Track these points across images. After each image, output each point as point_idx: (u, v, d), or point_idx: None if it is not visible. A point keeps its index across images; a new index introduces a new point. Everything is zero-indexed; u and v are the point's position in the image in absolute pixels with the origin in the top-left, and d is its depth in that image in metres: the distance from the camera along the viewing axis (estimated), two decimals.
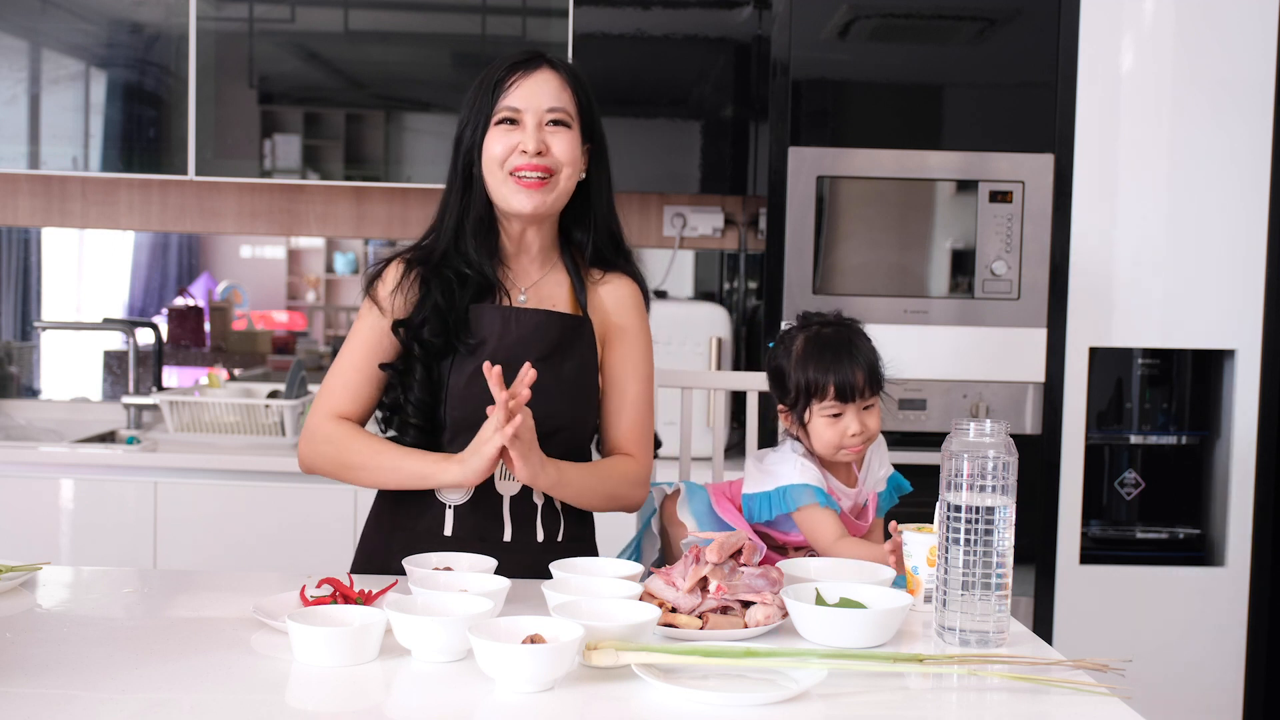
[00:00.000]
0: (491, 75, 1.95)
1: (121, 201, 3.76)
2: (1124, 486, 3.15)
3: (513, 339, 1.94)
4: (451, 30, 3.45)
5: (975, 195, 3.03)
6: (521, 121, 1.92)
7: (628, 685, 1.40)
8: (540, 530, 1.96)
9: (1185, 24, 3.01)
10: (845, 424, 1.93)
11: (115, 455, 3.19)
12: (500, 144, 1.92)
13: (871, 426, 1.95)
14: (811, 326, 2.00)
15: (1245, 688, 3.06)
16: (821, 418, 1.94)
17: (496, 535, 1.93)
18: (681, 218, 3.69)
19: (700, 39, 3.36)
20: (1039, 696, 1.42)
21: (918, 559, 1.73)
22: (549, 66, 1.96)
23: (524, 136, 1.91)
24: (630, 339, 2.03)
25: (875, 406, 1.97)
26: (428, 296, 1.94)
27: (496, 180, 1.93)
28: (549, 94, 1.94)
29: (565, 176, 1.95)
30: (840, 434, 1.93)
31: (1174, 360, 3.13)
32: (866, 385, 1.94)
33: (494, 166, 1.93)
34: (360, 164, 3.54)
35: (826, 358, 1.94)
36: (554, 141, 1.93)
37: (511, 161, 1.92)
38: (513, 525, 1.94)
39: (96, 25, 3.39)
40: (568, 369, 1.97)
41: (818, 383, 1.93)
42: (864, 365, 1.94)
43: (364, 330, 1.98)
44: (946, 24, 3.07)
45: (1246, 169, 3.02)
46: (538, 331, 1.95)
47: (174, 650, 1.49)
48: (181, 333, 4.00)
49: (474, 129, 1.95)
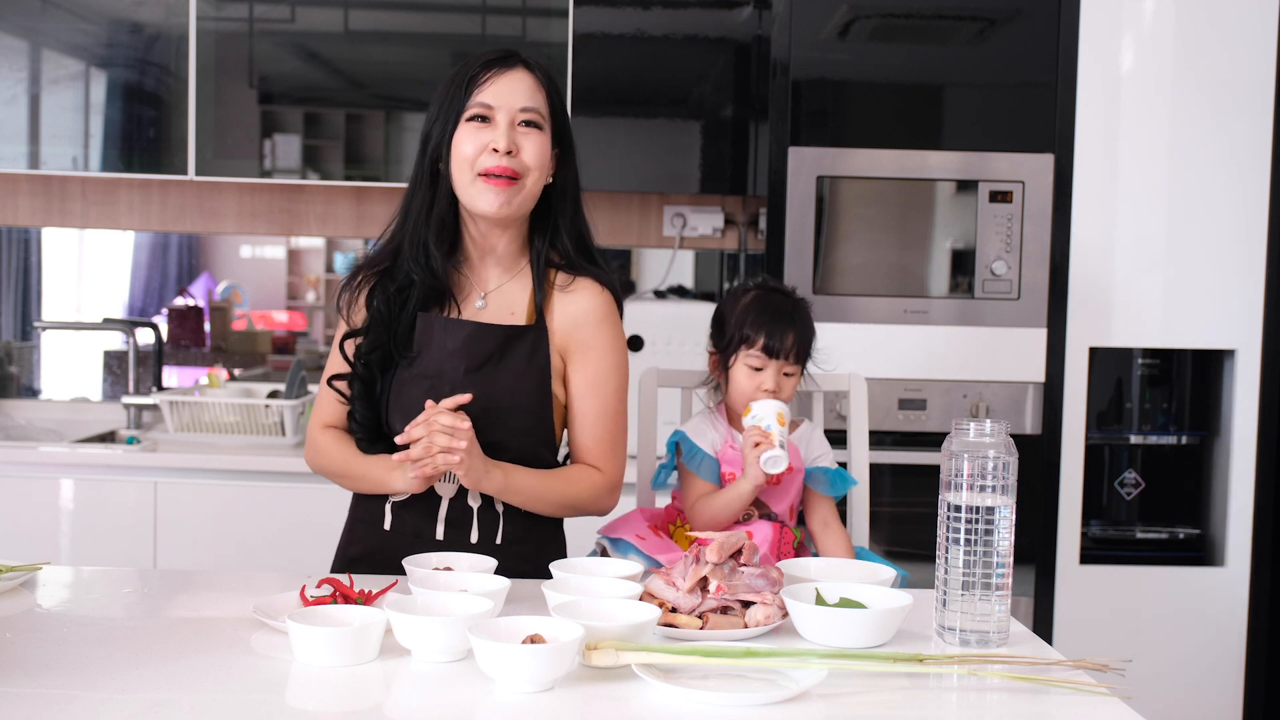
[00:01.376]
0: (465, 72, 1.92)
1: (121, 201, 3.76)
2: (1124, 486, 3.15)
3: (446, 350, 1.93)
4: (451, 30, 3.45)
5: (975, 195, 3.03)
6: (493, 119, 1.89)
7: (628, 685, 1.40)
8: (475, 532, 1.95)
9: (1185, 24, 3.01)
10: (762, 378, 2.08)
11: (115, 455, 3.19)
12: (471, 142, 1.89)
13: (785, 391, 2.09)
14: (765, 289, 2.16)
15: (1245, 688, 3.06)
16: (744, 367, 2.09)
17: (430, 533, 1.95)
18: (681, 218, 3.69)
19: (700, 39, 3.36)
20: (1039, 696, 1.42)
21: (769, 419, 1.98)
22: (523, 66, 1.93)
23: (495, 135, 1.88)
24: (593, 355, 1.98)
25: (795, 377, 2.11)
26: (371, 308, 1.96)
27: (464, 180, 1.90)
28: (523, 93, 1.91)
29: (532, 180, 1.92)
30: (755, 386, 2.08)
31: (1174, 360, 3.13)
32: (793, 349, 2.08)
33: (463, 165, 1.90)
34: (360, 164, 3.54)
35: (766, 315, 2.09)
36: (525, 143, 1.90)
37: (482, 161, 1.88)
38: (446, 525, 1.95)
39: (96, 25, 3.39)
40: (504, 380, 1.93)
41: (750, 334, 2.08)
42: (796, 332, 2.09)
43: (335, 342, 2.03)
44: (946, 24, 3.07)
45: (1246, 169, 3.02)
46: (469, 343, 1.93)
47: (174, 650, 1.49)
48: (181, 333, 4.00)
49: (444, 125, 1.91)
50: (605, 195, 3.68)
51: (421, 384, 1.93)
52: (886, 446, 3.00)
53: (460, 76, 1.92)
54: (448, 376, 1.92)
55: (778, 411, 2.00)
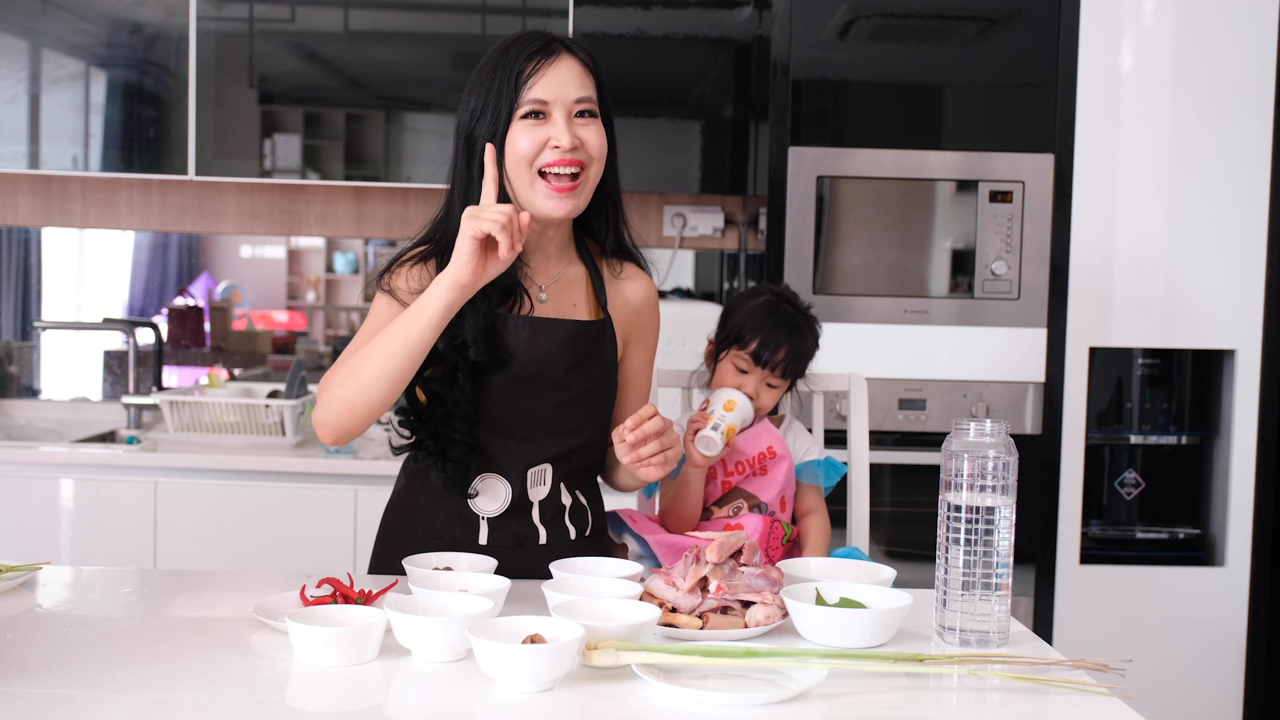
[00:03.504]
0: (508, 64, 1.79)
1: (121, 201, 3.76)
2: (1124, 486, 3.15)
3: (543, 352, 1.85)
4: (451, 30, 3.45)
5: (975, 195, 3.03)
6: (549, 114, 1.78)
7: (628, 685, 1.40)
8: (571, 529, 1.93)
9: (1185, 24, 3.01)
10: (744, 380, 2.08)
11: (115, 455, 3.19)
12: (527, 140, 1.77)
13: (762, 400, 2.09)
14: (780, 297, 2.15)
15: (1245, 688, 3.07)
16: (731, 365, 2.10)
17: (533, 540, 1.90)
18: (681, 218, 3.69)
19: (700, 39, 3.36)
20: (1039, 696, 1.42)
21: (716, 405, 2.01)
22: (569, 53, 1.81)
23: (554, 131, 1.77)
24: (649, 336, 2.01)
25: (779, 391, 2.11)
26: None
27: (523, 181, 1.79)
28: (574, 82, 1.80)
29: (595, 172, 1.82)
30: (735, 387, 2.07)
31: (1174, 360, 3.13)
32: (782, 363, 2.07)
33: (521, 166, 1.79)
34: (360, 164, 3.54)
35: (768, 322, 2.08)
36: (586, 134, 1.80)
37: (543, 158, 1.78)
38: (545, 527, 1.90)
39: (96, 25, 3.39)
40: (594, 376, 1.91)
41: (746, 336, 2.08)
42: (791, 347, 2.08)
43: (381, 311, 1.83)
44: (946, 24, 3.07)
45: (1246, 169, 3.02)
46: (568, 344, 1.87)
47: (174, 650, 1.49)
48: (181, 333, 4.00)
49: (494, 123, 1.79)
50: None
51: (520, 387, 1.84)
52: (886, 446, 3.01)
53: (504, 69, 1.79)
54: (546, 378, 1.84)
55: (728, 399, 2.02)
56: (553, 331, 1.86)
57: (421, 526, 1.92)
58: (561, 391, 1.87)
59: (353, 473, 3.13)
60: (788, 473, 2.10)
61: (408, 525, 1.95)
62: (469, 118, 1.83)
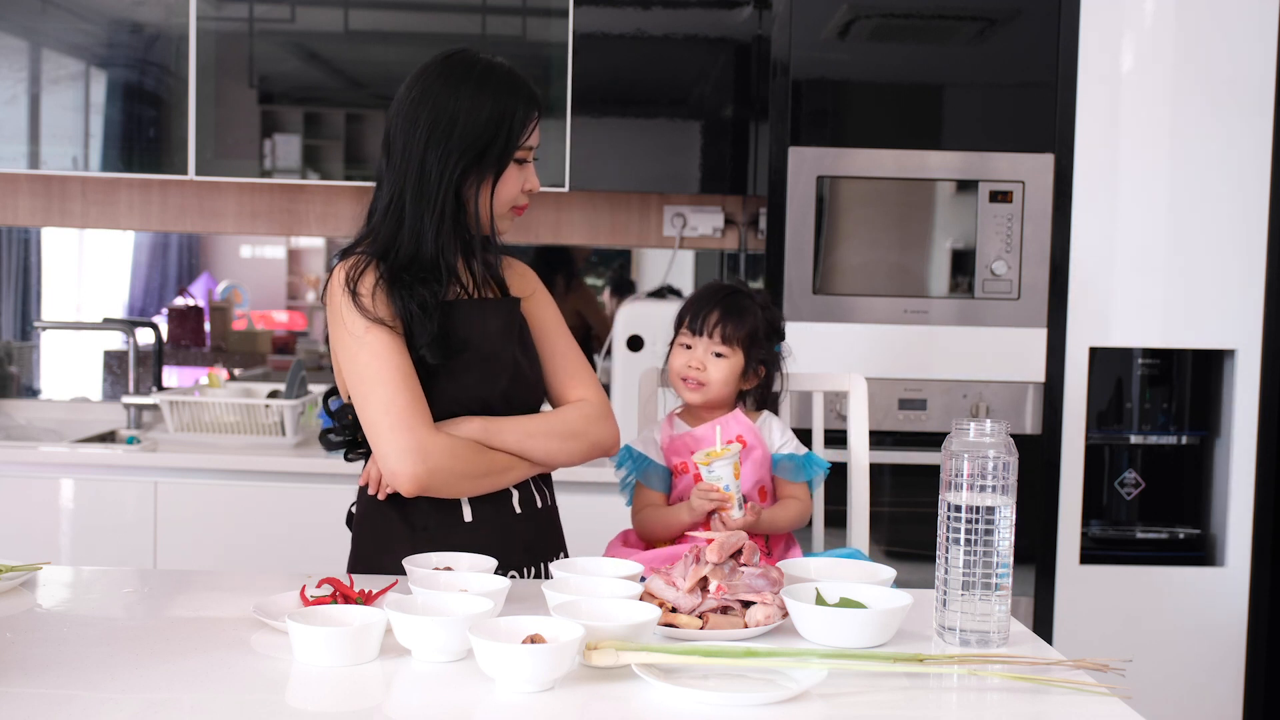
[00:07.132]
0: (512, 110, 1.91)
1: (121, 201, 3.76)
2: (1124, 486, 3.15)
3: (489, 332, 1.94)
4: (451, 30, 3.44)
5: (975, 195, 3.03)
6: (527, 159, 1.97)
7: (628, 685, 1.40)
8: (539, 499, 2.01)
9: (1185, 24, 3.01)
10: (690, 356, 2.11)
11: (115, 455, 3.19)
12: (516, 184, 1.95)
13: (711, 371, 2.10)
14: (715, 283, 2.21)
15: (1245, 688, 3.06)
16: (678, 345, 2.15)
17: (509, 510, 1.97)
18: (681, 218, 3.69)
19: (700, 39, 3.36)
20: (1039, 696, 1.42)
21: (726, 479, 1.97)
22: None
23: (528, 174, 1.97)
24: (542, 300, 2.07)
25: (727, 360, 2.10)
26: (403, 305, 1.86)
27: (501, 211, 1.95)
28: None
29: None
30: (684, 363, 2.11)
31: (1174, 360, 3.13)
32: (718, 326, 2.09)
33: (504, 203, 1.95)
34: (360, 164, 3.53)
35: (701, 295, 2.15)
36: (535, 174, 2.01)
37: (519, 199, 1.97)
38: (517, 490, 1.98)
39: (96, 25, 3.39)
40: (531, 348, 2.01)
41: (683, 313, 2.15)
42: (722, 310, 2.10)
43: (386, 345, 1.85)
44: (946, 24, 3.07)
45: (1246, 169, 3.02)
46: (512, 320, 1.97)
47: (174, 650, 1.49)
48: (181, 333, 4.00)
49: (498, 160, 1.91)
50: (605, 195, 3.68)
51: (477, 369, 1.91)
52: (886, 446, 3.00)
53: (505, 117, 1.91)
54: (500, 356, 1.93)
55: (733, 462, 2.00)
56: (497, 311, 1.96)
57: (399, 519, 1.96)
58: (509, 371, 1.94)
59: (353, 472, 3.12)
60: (763, 460, 2.10)
61: (384, 518, 1.99)
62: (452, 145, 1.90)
